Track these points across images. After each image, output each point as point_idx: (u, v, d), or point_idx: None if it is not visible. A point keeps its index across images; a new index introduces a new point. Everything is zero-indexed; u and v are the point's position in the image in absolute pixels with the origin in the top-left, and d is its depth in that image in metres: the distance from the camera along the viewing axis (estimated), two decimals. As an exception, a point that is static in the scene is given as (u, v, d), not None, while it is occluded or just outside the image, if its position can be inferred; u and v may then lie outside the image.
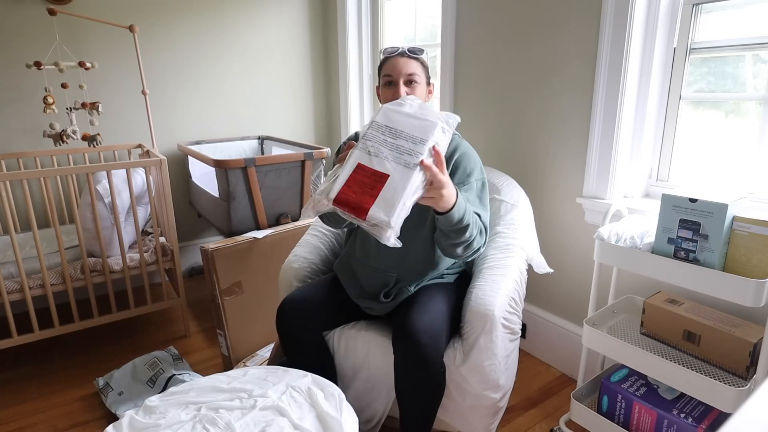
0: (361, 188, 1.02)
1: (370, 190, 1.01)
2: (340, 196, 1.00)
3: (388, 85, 1.41)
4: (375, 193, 1.01)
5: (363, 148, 1.05)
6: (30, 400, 1.83)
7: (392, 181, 1.01)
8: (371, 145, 1.05)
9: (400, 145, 1.05)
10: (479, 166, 1.42)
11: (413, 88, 1.40)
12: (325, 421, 1.07)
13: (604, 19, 1.59)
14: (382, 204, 0.99)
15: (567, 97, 1.77)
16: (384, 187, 1.01)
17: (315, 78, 3.21)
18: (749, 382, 1.21)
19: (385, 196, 1.00)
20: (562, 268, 1.90)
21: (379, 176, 1.02)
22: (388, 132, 1.07)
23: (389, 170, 1.02)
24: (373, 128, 1.07)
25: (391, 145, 1.05)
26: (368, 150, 1.04)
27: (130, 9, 2.55)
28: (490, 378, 1.31)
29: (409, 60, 1.40)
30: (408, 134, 1.06)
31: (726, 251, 1.19)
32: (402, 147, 1.04)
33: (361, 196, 1.01)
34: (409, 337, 1.25)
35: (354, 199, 1.00)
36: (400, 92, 1.37)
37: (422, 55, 1.44)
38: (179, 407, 1.12)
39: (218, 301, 1.88)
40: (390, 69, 1.40)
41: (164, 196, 2.09)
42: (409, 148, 1.04)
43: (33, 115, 2.43)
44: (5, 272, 1.88)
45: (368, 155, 1.04)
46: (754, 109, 1.46)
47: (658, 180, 1.70)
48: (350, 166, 1.04)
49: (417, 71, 1.40)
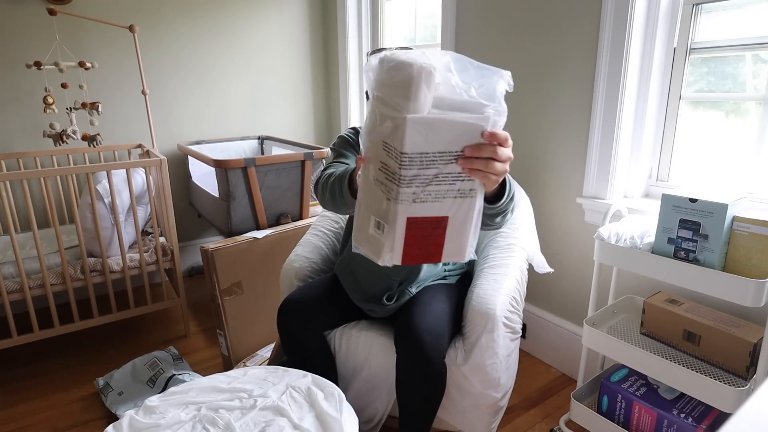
0: (424, 241, 0.85)
1: (433, 240, 0.86)
2: (405, 259, 0.85)
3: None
4: (440, 240, 0.86)
5: (405, 200, 0.79)
6: (30, 400, 1.83)
7: (454, 221, 0.84)
8: (412, 192, 0.78)
9: (444, 173, 0.78)
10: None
11: None
12: (325, 421, 1.07)
13: (604, 18, 1.59)
14: (452, 246, 0.86)
15: (567, 97, 1.77)
16: (447, 231, 0.85)
17: (315, 78, 3.21)
18: (749, 382, 1.21)
19: (452, 238, 0.85)
20: (562, 268, 1.90)
21: (437, 222, 0.84)
22: (425, 162, 0.77)
23: (445, 210, 0.82)
24: (406, 166, 0.75)
25: (434, 178, 0.79)
26: (411, 199, 0.79)
27: (130, 9, 2.55)
28: (491, 377, 1.31)
29: None
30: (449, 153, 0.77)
31: (726, 251, 1.19)
32: (448, 175, 0.78)
33: (425, 249, 0.86)
34: (411, 337, 1.24)
35: (420, 254, 0.86)
36: None
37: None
38: (179, 407, 1.12)
39: (218, 301, 1.88)
40: None
41: (164, 196, 2.09)
42: (457, 172, 0.78)
43: (33, 115, 2.43)
44: (5, 272, 1.88)
45: (412, 204, 0.80)
46: (754, 109, 1.46)
47: (658, 180, 1.70)
48: (400, 226, 0.81)
49: None
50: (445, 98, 0.74)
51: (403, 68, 0.70)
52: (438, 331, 1.27)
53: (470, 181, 0.76)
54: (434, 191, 0.77)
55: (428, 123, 0.70)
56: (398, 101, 0.71)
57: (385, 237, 0.79)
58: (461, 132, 0.72)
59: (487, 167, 0.73)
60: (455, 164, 0.74)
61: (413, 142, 0.70)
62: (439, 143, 0.72)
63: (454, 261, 0.89)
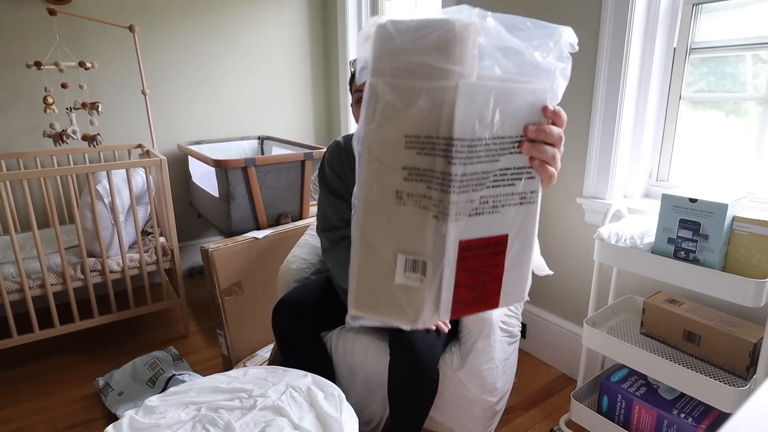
0: (479, 278, 0.54)
1: (489, 273, 0.55)
2: (456, 309, 0.53)
3: (360, 102, 1.18)
4: (498, 273, 0.55)
5: (461, 212, 0.49)
6: (30, 400, 1.83)
7: (514, 240, 0.54)
8: (468, 199, 0.49)
9: (501, 169, 0.51)
10: None
11: None
12: (325, 421, 1.07)
13: (604, 18, 1.59)
14: (512, 280, 0.56)
15: (567, 96, 1.77)
16: (507, 257, 0.55)
17: (315, 78, 3.21)
18: (749, 382, 1.21)
19: (512, 268, 0.55)
20: (562, 268, 1.90)
21: (496, 243, 0.54)
22: (481, 153, 0.49)
23: (507, 225, 0.53)
24: (459, 159, 0.47)
25: (490, 178, 0.50)
26: (468, 210, 0.50)
27: (130, 9, 2.55)
28: (487, 382, 1.31)
29: None
30: (509, 138, 0.50)
31: (726, 251, 1.19)
32: (506, 171, 0.51)
33: (481, 290, 0.54)
34: (405, 342, 1.24)
35: (474, 298, 0.54)
36: None
37: None
38: (179, 407, 1.12)
39: (218, 301, 1.88)
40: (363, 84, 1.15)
41: (164, 196, 2.09)
42: (516, 167, 0.52)
43: (33, 115, 2.43)
44: (5, 272, 1.88)
45: (467, 218, 0.50)
46: (754, 109, 1.46)
47: (658, 180, 1.70)
48: (451, 257, 0.49)
49: None
50: (498, 61, 0.51)
51: (437, 25, 0.47)
52: (432, 338, 1.27)
53: (532, 180, 0.52)
54: (492, 197, 0.50)
55: (487, 91, 0.47)
56: (437, 66, 0.47)
57: (430, 281, 0.49)
58: (525, 107, 0.50)
59: (553, 158, 0.52)
60: (516, 155, 0.50)
61: (467, 123, 0.47)
62: (497, 124, 0.48)
63: (513, 303, 0.58)
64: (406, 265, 0.51)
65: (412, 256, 0.50)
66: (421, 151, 0.49)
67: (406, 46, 0.49)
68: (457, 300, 0.53)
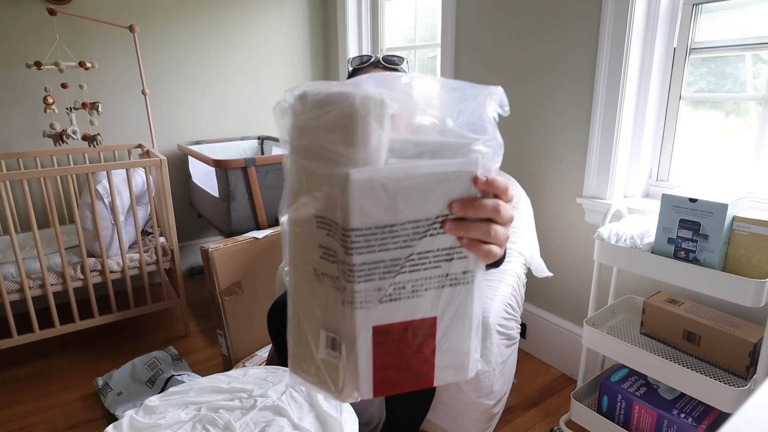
0: (404, 360, 0.52)
1: (418, 356, 0.52)
2: (378, 389, 0.51)
3: None
4: (429, 354, 0.53)
5: (366, 300, 0.47)
6: (30, 400, 1.83)
7: (445, 322, 0.51)
8: (375, 287, 0.46)
9: (421, 252, 0.47)
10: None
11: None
12: (325, 421, 1.07)
13: (604, 19, 1.59)
14: (448, 359, 0.53)
15: (567, 96, 1.77)
16: (438, 338, 0.52)
17: (315, 78, 3.21)
18: (749, 382, 1.21)
19: (446, 348, 0.52)
20: (562, 268, 1.90)
21: (420, 326, 0.50)
22: (389, 239, 0.46)
23: (430, 309, 0.50)
24: (357, 249, 0.45)
25: (406, 262, 0.47)
26: (376, 298, 0.47)
27: (130, 9, 2.55)
28: (483, 385, 1.31)
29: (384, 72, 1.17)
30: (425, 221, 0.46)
31: (726, 251, 1.19)
32: (428, 254, 0.48)
33: (408, 371, 0.52)
34: None
35: (401, 379, 0.52)
36: None
37: (402, 65, 1.18)
38: (179, 407, 1.12)
39: (218, 301, 1.88)
40: None
41: (164, 196, 2.09)
42: (441, 249, 0.48)
43: (33, 115, 2.43)
44: (5, 272, 1.88)
45: (378, 305, 0.47)
46: (754, 109, 1.46)
47: (658, 180, 1.70)
48: (364, 343, 0.48)
49: None
50: (410, 139, 0.46)
51: (338, 101, 0.43)
52: None
53: (463, 260, 0.48)
54: (410, 282, 0.47)
55: (387, 178, 0.43)
56: (335, 149, 0.43)
57: (346, 361, 0.48)
58: (446, 183, 0.45)
59: (487, 234, 0.46)
60: (440, 236, 0.46)
61: (365, 211, 0.43)
62: (407, 208, 0.44)
63: (454, 380, 0.54)
64: (327, 341, 0.49)
65: (332, 334, 0.48)
66: (329, 233, 0.45)
67: (310, 124, 0.45)
68: (379, 380, 0.50)
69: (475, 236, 0.46)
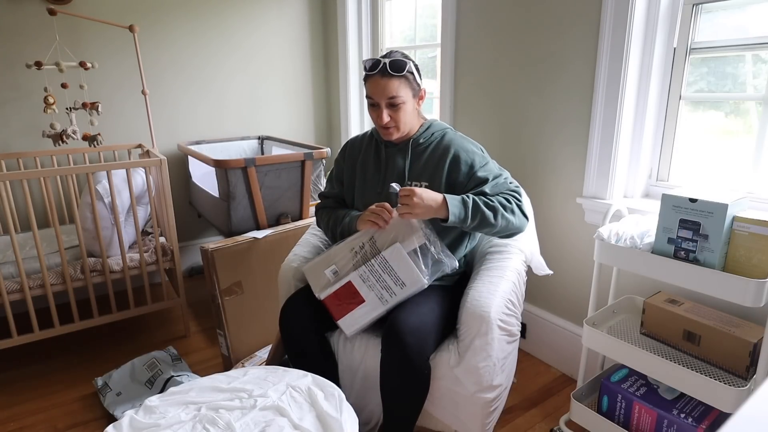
0: (343, 300, 1.33)
1: (347, 305, 1.33)
2: (327, 299, 1.35)
3: (372, 106, 1.38)
4: (350, 308, 1.33)
5: (362, 273, 1.32)
6: (30, 400, 1.83)
7: (364, 307, 1.32)
8: (368, 273, 1.31)
9: (386, 280, 1.30)
10: (478, 152, 1.43)
11: (397, 110, 1.35)
12: (325, 421, 1.07)
13: (604, 19, 1.59)
14: (349, 321, 1.34)
15: (567, 96, 1.77)
16: (356, 308, 1.33)
17: (315, 78, 3.21)
18: (749, 382, 1.21)
19: (354, 316, 1.33)
20: (562, 268, 1.90)
21: (360, 299, 1.32)
22: (385, 267, 1.30)
23: (367, 298, 1.32)
24: (379, 261, 1.31)
25: (379, 278, 1.31)
26: (363, 276, 1.32)
27: (130, 9, 2.55)
28: (484, 379, 1.31)
29: (389, 81, 1.32)
30: (397, 276, 1.30)
31: (726, 251, 1.19)
32: (386, 282, 1.31)
33: (339, 307, 1.34)
34: (395, 337, 1.26)
35: (333, 307, 1.34)
36: (383, 117, 1.35)
37: (405, 69, 1.33)
38: (179, 407, 1.12)
39: (218, 301, 1.88)
40: (371, 91, 1.35)
41: (164, 196, 2.09)
42: (390, 286, 1.31)
43: (33, 115, 2.43)
44: (5, 272, 1.88)
45: (361, 279, 1.32)
46: (754, 109, 1.46)
47: (658, 180, 1.70)
48: (345, 280, 1.33)
49: (399, 92, 1.33)
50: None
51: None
52: (422, 333, 1.27)
53: (392, 296, 1.34)
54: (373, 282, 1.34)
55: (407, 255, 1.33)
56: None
57: (337, 280, 1.37)
58: (411, 275, 1.33)
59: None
60: (393, 281, 1.32)
61: (393, 255, 1.34)
62: (399, 267, 1.33)
63: (342, 327, 1.38)
64: (332, 273, 1.38)
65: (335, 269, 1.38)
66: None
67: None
68: (330, 297, 1.35)
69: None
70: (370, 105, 1.39)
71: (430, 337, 1.29)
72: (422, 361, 1.27)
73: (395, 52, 1.37)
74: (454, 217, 1.28)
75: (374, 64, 1.34)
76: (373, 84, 1.34)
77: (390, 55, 1.35)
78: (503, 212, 1.33)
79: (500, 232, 1.36)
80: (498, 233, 1.37)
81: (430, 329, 1.30)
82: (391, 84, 1.33)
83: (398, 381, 1.29)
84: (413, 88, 1.38)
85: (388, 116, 1.36)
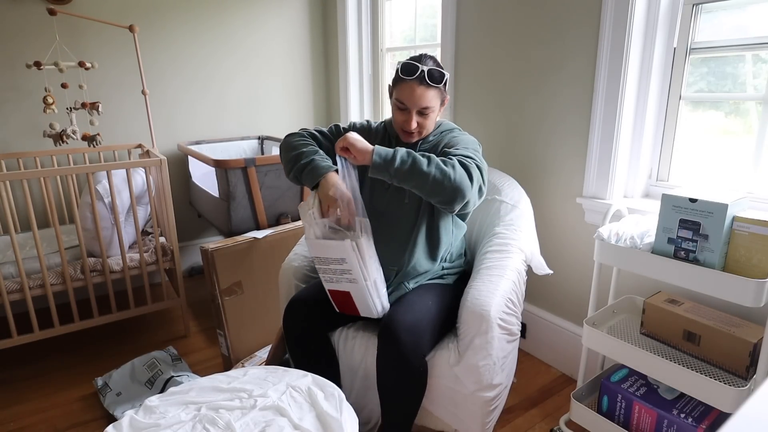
0: (343, 300, 1.36)
1: (347, 304, 1.36)
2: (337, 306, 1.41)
3: (399, 109, 1.34)
4: (353, 304, 1.35)
5: (326, 279, 1.35)
6: (30, 400, 1.83)
7: (354, 294, 1.32)
8: (328, 276, 1.34)
9: (335, 269, 1.31)
10: (464, 139, 1.39)
11: (426, 118, 1.33)
12: (325, 421, 1.07)
13: (604, 18, 1.59)
14: (364, 308, 1.34)
15: (567, 96, 1.77)
16: (354, 300, 1.33)
17: (315, 78, 3.21)
18: (749, 382, 1.21)
19: (360, 304, 1.34)
20: (562, 268, 1.90)
21: (345, 294, 1.34)
22: (324, 263, 1.32)
23: (347, 288, 1.32)
24: (318, 263, 1.34)
25: (334, 272, 1.31)
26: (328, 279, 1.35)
27: (130, 9, 2.55)
28: (484, 378, 1.31)
29: (426, 90, 1.28)
30: (333, 259, 1.30)
31: (726, 251, 1.19)
32: (338, 270, 1.30)
33: (347, 306, 1.37)
34: (390, 335, 1.26)
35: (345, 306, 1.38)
36: (411, 124, 1.31)
37: (443, 81, 1.31)
38: (179, 407, 1.12)
39: (218, 301, 1.88)
40: (404, 96, 1.30)
41: (164, 196, 2.09)
42: (341, 270, 1.29)
43: (33, 115, 2.43)
44: (5, 272, 1.88)
45: (332, 283, 1.34)
46: (754, 109, 1.46)
47: (658, 180, 1.70)
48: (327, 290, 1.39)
49: (432, 103, 1.31)
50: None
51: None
52: (417, 331, 1.27)
53: (349, 273, 1.31)
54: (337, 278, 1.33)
55: (318, 242, 1.33)
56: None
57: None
58: (335, 246, 1.29)
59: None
60: (338, 265, 1.31)
61: (316, 250, 1.35)
62: (326, 253, 1.32)
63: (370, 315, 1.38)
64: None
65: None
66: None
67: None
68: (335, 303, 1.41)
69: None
70: (398, 108, 1.34)
71: (425, 335, 1.29)
72: (417, 358, 1.27)
73: (428, 58, 1.32)
74: (378, 158, 1.20)
75: (412, 69, 1.28)
76: (407, 90, 1.29)
77: (424, 61, 1.30)
78: (439, 163, 1.20)
79: (436, 186, 1.20)
80: (435, 189, 1.20)
81: (426, 327, 1.30)
82: (428, 94, 1.29)
83: (394, 379, 1.29)
84: (442, 96, 1.36)
85: (416, 123, 1.32)
